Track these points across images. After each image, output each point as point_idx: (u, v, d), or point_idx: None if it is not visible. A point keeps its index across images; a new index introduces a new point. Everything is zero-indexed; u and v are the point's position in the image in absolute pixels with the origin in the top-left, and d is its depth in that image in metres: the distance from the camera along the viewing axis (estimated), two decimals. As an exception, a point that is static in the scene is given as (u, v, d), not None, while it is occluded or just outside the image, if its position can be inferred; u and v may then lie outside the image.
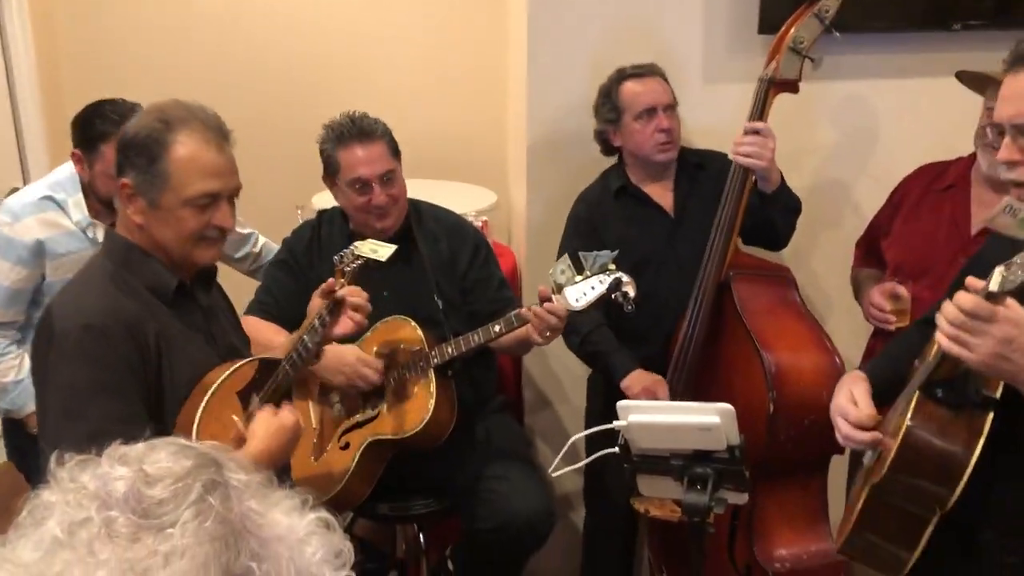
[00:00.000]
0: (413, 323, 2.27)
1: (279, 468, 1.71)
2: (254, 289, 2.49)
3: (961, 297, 1.28)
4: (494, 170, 3.37)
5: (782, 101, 2.22)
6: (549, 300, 2.00)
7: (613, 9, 2.63)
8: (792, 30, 2.17)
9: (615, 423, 1.57)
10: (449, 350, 2.20)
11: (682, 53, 2.65)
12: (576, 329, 2.36)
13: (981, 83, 2.18)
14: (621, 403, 1.57)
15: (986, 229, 2.05)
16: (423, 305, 2.33)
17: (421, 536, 2.54)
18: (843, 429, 1.59)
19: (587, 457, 1.93)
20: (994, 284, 1.24)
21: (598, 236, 2.45)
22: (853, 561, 1.94)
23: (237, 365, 1.71)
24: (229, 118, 3.77)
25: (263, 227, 2.73)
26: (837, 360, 2.13)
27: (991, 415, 1.35)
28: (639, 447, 1.58)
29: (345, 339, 2.25)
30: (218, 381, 1.67)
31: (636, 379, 2.29)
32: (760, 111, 2.19)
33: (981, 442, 1.34)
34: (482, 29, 3.79)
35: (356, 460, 2.21)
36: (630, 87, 2.41)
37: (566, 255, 2.03)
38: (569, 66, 2.64)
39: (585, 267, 1.97)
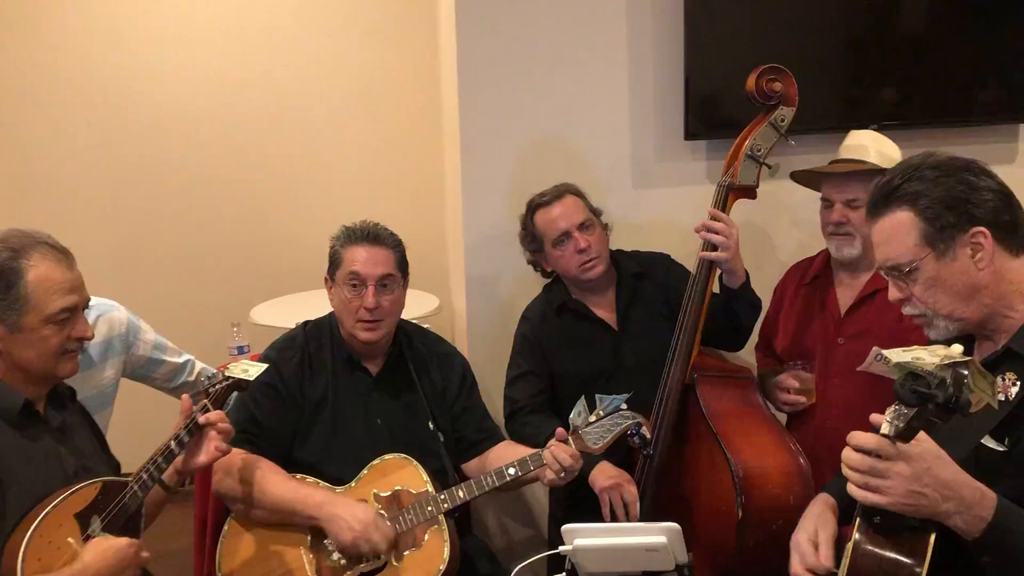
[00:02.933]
0: (415, 462, 2.16)
1: None
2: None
3: (861, 437, 1.22)
4: (436, 276, 3.37)
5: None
6: (566, 441, 1.99)
7: (543, 125, 2.70)
8: (749, 139, 2.23)
9: (560, 548, 1.53)
10: (460, 494, 2.10)
11: (612, 162, 2.72)
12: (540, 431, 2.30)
13: (813, 179, 2.34)
14: (565, 527, 1.53)
15: (852, 308, 2.25)
16: (418, 435, 2.25)
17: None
18: (795, 568, 1.55)
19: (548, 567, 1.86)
20: (885, 428, 1.22)
21: (544, 354, 2.45)
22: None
23: (76, 487, 1.71)
24: (160, 237, 3.75)
25: (198, 347, 2.66)
26: (802, 461, 2.11)
27: (933, 536, 1.30)
28: (587, 571, 1.54)
29: (339, 480, 2.17)
30: (53, 503, 1.66)
31: (603, 472, 2.21)
32: None
33: (926, 565, 1.30)
34: (420, 141, 3.87)
35: None
36: (541, 216, 2.43)
37: (583, 397, 2.03)
38: (502, 181, 2.69)
39: (599, 407, 2.01)
